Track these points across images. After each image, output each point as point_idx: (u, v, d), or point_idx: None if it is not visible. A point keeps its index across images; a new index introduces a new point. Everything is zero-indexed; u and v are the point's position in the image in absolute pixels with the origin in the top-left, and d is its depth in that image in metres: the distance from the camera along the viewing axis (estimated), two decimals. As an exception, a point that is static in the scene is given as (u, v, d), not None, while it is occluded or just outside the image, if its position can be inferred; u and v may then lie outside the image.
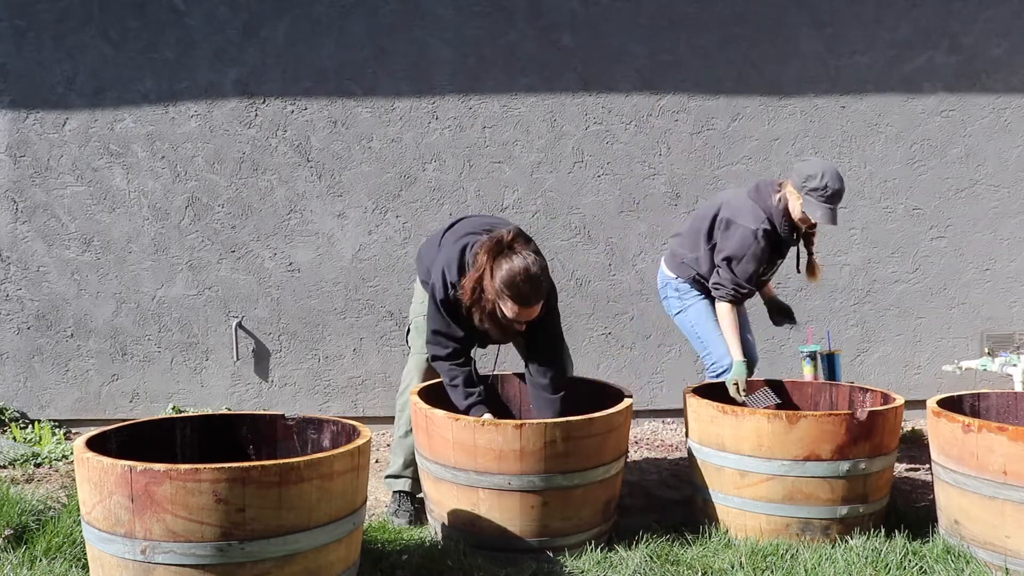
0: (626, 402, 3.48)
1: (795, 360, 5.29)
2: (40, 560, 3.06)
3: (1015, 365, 4.76)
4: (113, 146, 5.07)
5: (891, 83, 5.32)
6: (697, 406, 3.59)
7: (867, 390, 3.88)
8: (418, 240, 5.18)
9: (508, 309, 3.30)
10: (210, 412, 4.23)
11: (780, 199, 3.85)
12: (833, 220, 3.77)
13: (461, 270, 3.42)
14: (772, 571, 3.14)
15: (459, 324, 3.48)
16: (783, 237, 3.90)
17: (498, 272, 3.26)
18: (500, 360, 5.10)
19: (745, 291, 3.90)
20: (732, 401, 3.78)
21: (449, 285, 3.42)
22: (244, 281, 5.16)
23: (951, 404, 3.55)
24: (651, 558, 3.22)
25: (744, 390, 3.83)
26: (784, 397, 4.01)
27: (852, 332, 5.40)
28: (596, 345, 5.31)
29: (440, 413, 3.28)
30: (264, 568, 2.52)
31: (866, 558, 3.19)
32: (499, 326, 3.40)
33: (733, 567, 3.18)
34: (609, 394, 3.69)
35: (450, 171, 5.19)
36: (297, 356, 5.21)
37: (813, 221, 3.82)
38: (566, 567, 3.16)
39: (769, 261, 3.94)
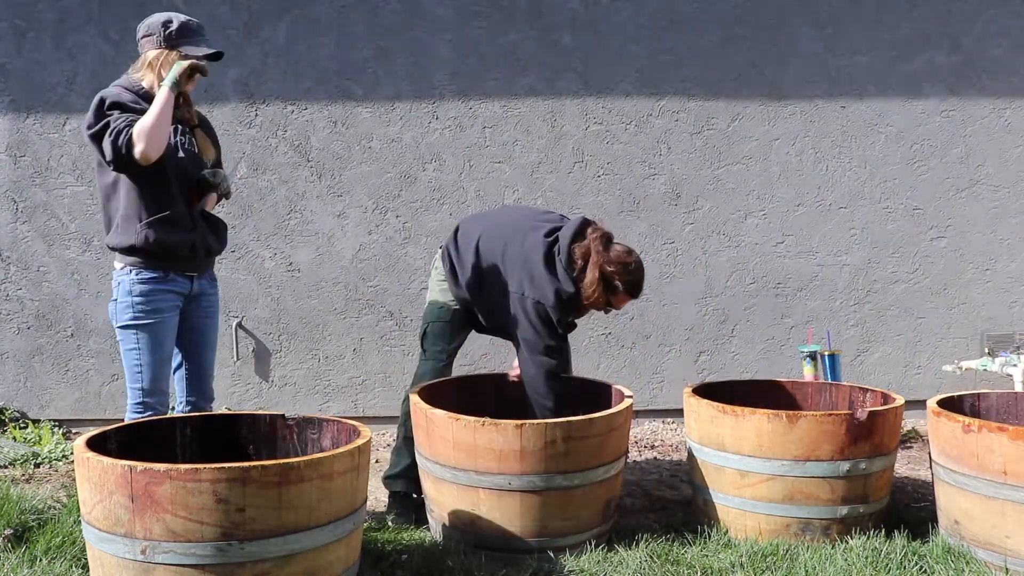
0: (626, 402, 3.48)
1: (795, 360, 5.29)
2: (40, 560, 3.06)
3: (1015, 365, 4.76)
4: (113, 146, 5.06)
5: (891, 83, 5.31)
6: (697, 406, 3.59)
7: (867, 390, 3.88)
8: (418, 240, 5.18)
9: (619, 301, 3.51)
10: (210, 412, 4.23)
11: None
12: (214, 58, 3.29)
13: (554, 271, 3.47)
14: (772, 571, 3.14)
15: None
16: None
17: (613, 263, 3.43)
18: (502, 360, 5.11)
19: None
20: (732, 401, 3.78)
21: (564, 291, 3.44)
22: (244, 281, 5.16)
23: (951, 404, 3.55)
24: (651, 558, 3.22)
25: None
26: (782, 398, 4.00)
27: (852, 332, 5.40)
28: (596, 345, 5.31)
29: (440, 413, 3.28)
30: (264, 568, 2.51)
31: (866, 558, 3.19)
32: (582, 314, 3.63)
33: (733, 567, 3.18)
34: (609, 394, 3.69)
35: (450, 171, 5.19)
36: (297, 356, 5.21)
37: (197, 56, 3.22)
38: (566, 567, 3.16)
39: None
